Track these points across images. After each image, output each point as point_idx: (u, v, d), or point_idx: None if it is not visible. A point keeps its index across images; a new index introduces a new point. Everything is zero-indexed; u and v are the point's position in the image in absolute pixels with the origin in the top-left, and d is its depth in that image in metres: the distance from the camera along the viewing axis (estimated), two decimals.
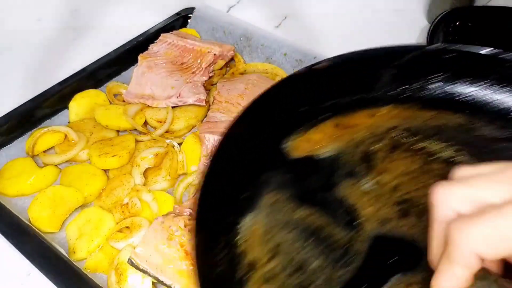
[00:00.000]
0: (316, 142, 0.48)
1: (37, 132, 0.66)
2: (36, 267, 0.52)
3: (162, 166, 0.63)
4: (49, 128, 0.66)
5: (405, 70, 0.48)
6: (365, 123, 0.49)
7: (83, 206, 0.60)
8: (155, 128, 0.68)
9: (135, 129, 0.68)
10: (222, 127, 0.63)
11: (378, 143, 0.47)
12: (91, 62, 0.75)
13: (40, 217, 0.57)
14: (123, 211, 0.58)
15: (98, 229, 0.56)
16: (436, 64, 0.48)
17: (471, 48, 0.46)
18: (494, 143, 0.46)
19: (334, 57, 0.49)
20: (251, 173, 0.44)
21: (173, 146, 0.65)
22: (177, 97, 0.69)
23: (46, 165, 0.64)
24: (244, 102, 0.68)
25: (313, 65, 0.48)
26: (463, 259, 0.27)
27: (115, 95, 0.74)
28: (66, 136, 0.66)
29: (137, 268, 0.50)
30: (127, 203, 0.58)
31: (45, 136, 0.66)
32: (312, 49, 0.77)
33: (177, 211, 0.55)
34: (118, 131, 0.68)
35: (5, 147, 0.66)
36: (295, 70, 0.76)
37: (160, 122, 0.68)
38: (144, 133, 0.67)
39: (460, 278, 0.28)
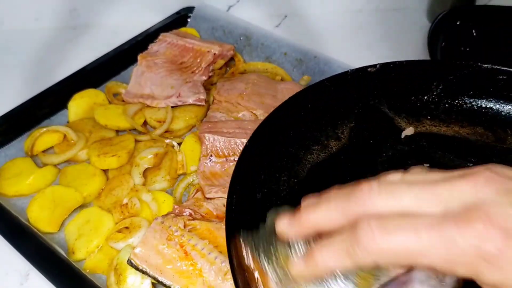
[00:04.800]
0: None
1: (36, 132, 0.66)
2: (35, 267, 0.52)
3: (162, 166, 0.63)
4: (48, 128, 0.66)
5: (456, 85, 0.51)
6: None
7: (82, 206, 0.60)
8: (154, 128, 0.68)
9: (135, 129, 0.68)
10: (222, 127, 0.63)
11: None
12: (90, 61, 0.75)
13: (39, 217, 0.57)
14: (122, 211, 0.58)
15: (97, 230, 0.56)
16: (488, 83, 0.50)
17: None
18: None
19: (387, 62, 0.52)
20: None
21: (173, 146, 0.65)
22: (177, 96, 0.69)
23: (45, 165, 0.63)
24: (244, 101, 0.68)
25: (367, 66, 0.51)
26: (359, 259, 0.29)
27: (114, 95, 0.73)
28: (65, 136, 0.66)
29: (137, 268, 0.50)
30: (127, 203, 0.58)
31: (44, 136, 0.65)
32: (312, 48, 0.77)
33: (176, 211, 0.55)
34: (117, 131, 0.68)
35: (4, 147, 0.65)
36: (295, 69, 0.76)
37: (160, 122, 0.68)
38: (144, 133, 0.67)
39: (344, 266, 0.30)
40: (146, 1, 0.90)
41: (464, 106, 0.51)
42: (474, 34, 0.81)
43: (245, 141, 0.61)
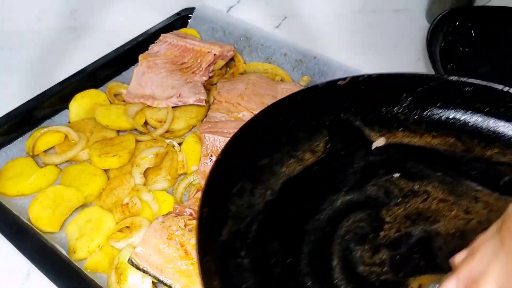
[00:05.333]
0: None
1: (37, 132, 0.66)
2: (36, 266, 0.52)
3: (162, 166, 0.63)
4: (49, 128, 0.66)
5: (425, 97, 0.52)
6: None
7: (83, 206, 0.60)
8: (155, 128, 0.68)
9: (135, 129, 0.68)
10: (222, 127, 0.64)
11: None
12: (91, 62, 0.75)
13: (40, 217, 0.57)
14: (123, 211, 0.58)
15: (98, 229, 0.56)
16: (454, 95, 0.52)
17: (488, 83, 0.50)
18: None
19: (357, 76, 0.53)
20: None
21: (173, 146, 0.65)
22: (177, 97, 0.69)
23: (46, 165, 0.64)
24: (244, 102, 0.68)
25: (337, 80, 0.52)
26: None
27: (115, 95, 0.74)
28: (66, 136, 0.66)
29: (137, 267, 0.50)
30: (127, 203, 0.58)
31: (45, 136, 0.66)
32: (312, 49, 0.77)
33: (177, 211, 0.55)
34: (118, 131, 0.68)
35: (5, 147, 0.66)
36: (295, 70, 0.77)
37: (160, 122, 0.68)
38: (144, 133, 0.67)
39: None
40: (146, 2, 0.90)
41: (433, 117, 0.53)
42: (473, 34, 0.81)
43: None
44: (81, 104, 0.70)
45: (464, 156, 0.51)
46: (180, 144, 0.65)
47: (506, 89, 0.49)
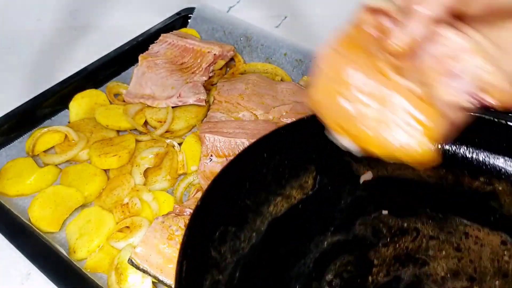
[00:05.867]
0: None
1: (37, 132, 0.66)
2: (36, 266, 0.52)
3: (162, 166, 0.63)
4: (49, 128, 0.66)
5: None
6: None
7: (83, 206, 0.60)
8: (155, 128, 0.68)
9: (135, 129, 0.68)
10: (222, 127, 0.64)
11: None
12: (91, 62, 0.75)
13: (40, 217, 0.57)
14: (123, 211, 0.58)
15: (98, 229, 0.56)
16: None
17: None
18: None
19: None
20: None
21: (173, 146, 0.65)
22: (177, 97, 0.69)
23: (46, 165, 0.64)
24: (244, 102, 0.68)
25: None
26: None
27: (115, 95, 0.74)
28: (66, 136, 0.66)
29: (137, 268, 0.50)
30: (127, 203, 0.58)
31: (45, 136, 0.66)
32: (312, 49, 0.77)
33: (177, 211, 0.55)
34: (118, 131, 0.68)
35: (5, 147, 0.66)
36: (295, 70, 0.77)
37: (160, 122, 0.68)
38: (144, 133, 0.67)
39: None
40: (146, 2, 0.90)
41: None
42: None
43: (245, 141, 0.61)
44: (81, 104, 0.70)
45: (454, 189, 0.49)
46: (180, 144, 0.65)
47: (495, 119, 0.48)
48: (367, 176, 0.50)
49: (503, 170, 0.49)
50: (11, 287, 0.54)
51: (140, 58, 0.75)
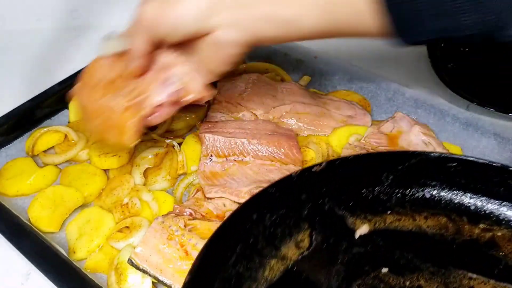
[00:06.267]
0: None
1: (37, 132, 0.66)
2: (36, 267, 0.52)
3: (162, 166, 0.63)
4: (49, 128, 0.66)
5: (406, 175, 0.49)
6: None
7: (83, 206, 0.60)
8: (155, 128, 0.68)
9: None
10: (222, 127, 0.64)
11: None
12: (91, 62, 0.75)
13: (40, 217, 0.57)
14: (123, 211, 0.58)
15: (98, 229, 0.56)
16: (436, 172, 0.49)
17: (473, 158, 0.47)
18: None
19: (333, 160, 0.49)
20: None
21: (173, 146, 0.65)
22: None
23: (46, 165, 0.63)
24: (244, 102, 0.68)
25: (312, 166, 0.48)
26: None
27: None
28: (66, 136, 0.66)
29: (137, 268, 0.50)
30: (127, 203, 0.58)
31: (45, 136, 0.66)
32: (312, 49, 0.77)
33: (177, 211, 0.55)
34: None
35: (5, 147, 0.66)
36: (295, 70, 0.77)
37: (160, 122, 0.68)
38: (145, 133, 0.67)
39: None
40: None
41: (417, 195, 0.49)
42: None
43: (245, 141, 0.61)
44: None
45: (455, 239, 0.47)
46: (180, 144, 0.65)
47: (491, 163, 0.46)
48: (363, 229, 0.48)
49: (502, 215, 0.47)
50: (11, 287, 0.54)
51: None
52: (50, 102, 0.70)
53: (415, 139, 0.62)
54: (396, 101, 0.70)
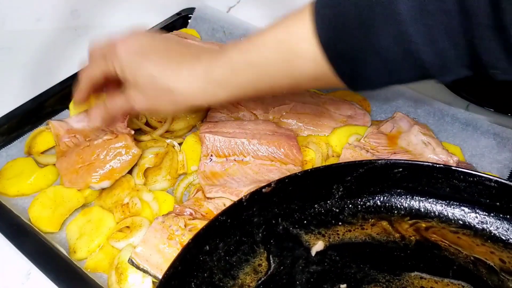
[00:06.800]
0: None
1: (37, 132, 0.66)
2: (37, 266, 0.52)
3: (162, 165, 0.63)
4: (49, 128, 0.66)
5: (355, 185, 0.49)
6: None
7: (83, 206, 0.60)
8: (155, 128, 0.68)
9: (135, 129, 0.68)
10: (222, 127, 0.64)
11: None
12: None
13: (41, 217, 0.57)
14: (123, 211, 0.58)
15: (98, 229, 0.56)
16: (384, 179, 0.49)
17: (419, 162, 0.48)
18: None
19: (282, 178, 0.48)
20: None
21: (173, 146, 0.65)
22: None
23: (44, 165, 0.63)
24: (244, 102, 0.68)
25: (262, 187, 0.47)
26: (82, 81, 0.56)
27: None
28: None
29: (138, 267, 0.50)
30: (128, 203, 0.58)
31: (45, 136, 0.66)
32: None
33: (177, 210, 0.55)
34: None
35: (5, 147, 0.66)
36: None
37: (161, 122, 0.68)
38: (145, 133, 0.67)
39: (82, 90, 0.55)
40: (147, 2, 0.90)
41: (368, 203, 0.50)
42: None
43: (245, 141, 0.61)
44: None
45: (406, 245, 0.48)
46: (180, 144, 0.65)
47: (435, 165, 0.47)
48: (318, 246, 0.48)
49: (450, 214, 0.48)
50: (11, 287, 0.54)
51: None
52: (51, 102, 0.70)
53: (414, 139, 0.62)
54: (396, 101, 0.70)
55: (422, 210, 0.49)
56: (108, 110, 0.53)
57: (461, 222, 0.48)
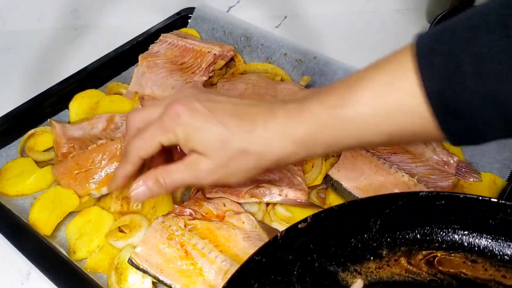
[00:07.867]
0: None
1: (36, 132, 0.66)
2: (36, 267, 0.52)
3: None
4: (49, 128, 0.66)
5: (395, 217, 0.46)
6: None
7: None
8: None
9: None
10: None
11: None
12: (91, 62, 0.75)
13: (38, 218, 0.57)
14: (121, 205, 0.58)
15: (98, 229, 0.56)
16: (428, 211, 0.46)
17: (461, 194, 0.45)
18: None
19: (318, 212, 0.45)
20: None
21: None
22: None
23: (39, 162, 0.63)
24: None
25: (297, 223, 0.44)
26: (131, 158, 0.46)
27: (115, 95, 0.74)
28: None
29: (137, 268, 0.50)
30: (127, 197, 0.58)
31: (44, 136, 0.66)
32: (312, 49, 0.77)
33: (177, 211, 0.55)
34: None
35: (5, 147, 0.66)
36: (295, 70, 0.77)
37: None
38: None
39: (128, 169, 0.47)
40: (147, 2, 0.90)
41: (407, 236, 0.47)
42: None
43: None
44: (81, 104, 0.70)
45: (451, 283, 0.45)
46: None
47: (481, 198, 0.44)
48: (357, 285, 0.45)
49: (496, 250, 0.45)
50: (11, 287, 0.54)
51: (140, 58, 0.75)
52: (51, 102, 0.70)
53: None
54: None
55: (466, 244, 0.46)
56: (167, 186, 0.46)
57: (507, 258, 0.44)
